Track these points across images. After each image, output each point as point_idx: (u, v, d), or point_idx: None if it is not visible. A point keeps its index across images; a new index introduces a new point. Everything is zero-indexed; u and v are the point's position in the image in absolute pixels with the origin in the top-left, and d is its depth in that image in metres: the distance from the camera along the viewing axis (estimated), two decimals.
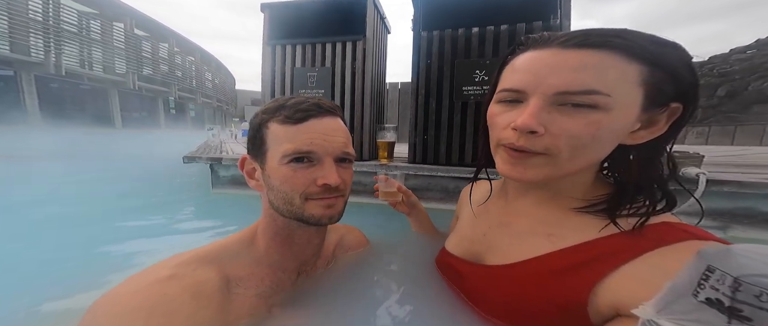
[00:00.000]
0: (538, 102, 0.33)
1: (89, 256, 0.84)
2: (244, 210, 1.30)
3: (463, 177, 1.17)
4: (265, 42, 1.39)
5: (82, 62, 10.92)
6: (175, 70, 15.39)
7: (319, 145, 0.44)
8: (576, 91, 0.31)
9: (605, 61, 0.31)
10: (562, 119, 0.32)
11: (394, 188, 0.74)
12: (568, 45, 0.32)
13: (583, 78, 0.31)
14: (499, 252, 0.42)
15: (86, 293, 0.57)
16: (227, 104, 21.57)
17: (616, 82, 0.30)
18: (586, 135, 0.32)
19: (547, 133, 0.33)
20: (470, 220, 0.52)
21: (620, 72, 0.30)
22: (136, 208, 1.36)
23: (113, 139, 7.22)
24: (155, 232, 1.08)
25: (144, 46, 13.31)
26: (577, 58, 0.31)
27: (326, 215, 0.46)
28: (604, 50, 0.31)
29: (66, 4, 10.01)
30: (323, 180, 0.44)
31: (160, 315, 0.34)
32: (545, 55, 0.33)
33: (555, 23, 1.06)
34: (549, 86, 0.32)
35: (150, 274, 0.39)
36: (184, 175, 1.92)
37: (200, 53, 17.81)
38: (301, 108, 0.45)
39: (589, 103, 0.31)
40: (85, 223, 1.13)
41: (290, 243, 0.50)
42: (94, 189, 1.86)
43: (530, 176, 0.36)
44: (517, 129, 0.34)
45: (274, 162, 0.45)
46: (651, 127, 0.33)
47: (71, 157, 3.41)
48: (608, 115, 0.31)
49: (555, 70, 0.32)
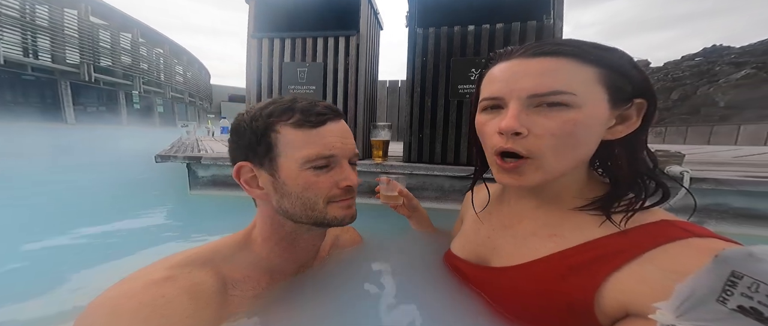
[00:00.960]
0: (516, 105, 0.36)
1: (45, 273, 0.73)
2: (228, 211, 1.21)
3: (459, 176, 1.16)
4: (250, 35, 1.30)
5: (26, 51, 9.72)
6: (139, 62, 14.16)
7: (338, 148, 0.45)
8: (544, 93, 0.35)
9: (562, 66, 0.35)
10: (541, 120, 0.35)
11: (395, 191, 0.73)
12: (528, 55, 0.37)
13: (546, 81, 0.35)
14: (504, 255, 0.43)
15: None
16: (201, 100, 20.32)
17: (576, 82, 0.34)
18: (564, 132, 0.35)
19: (530, 134, 0.36)
20: (474, 223, 0.53)
21: (577, 74, 0.34)
22: (101, 212, 1.21)
23: (63, 135, 6.49)
24: (130, 239, 0.97)
25: (102, 36, 12.12)
26: (538, 65, 0.36)
27: (348, 215, 0.47)
28: (558, 57, 0.35)
29: None
30: (346, 182, 0.45)
31: (159, 317, 0.34)
32: (512, 65, 0.38)
33: (548, 23, 1.08)
34: (521, 90, 0.36)
35: (144, 276, 0.38)
36: (154, 175, 1.76)
37: (170, 45, 16.57)
38: (317, 111, 0.44)
39: (560, 102, 0.34)
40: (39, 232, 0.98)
41: (294, 248, 0.50)
42: (45, 190, 1.64)
43: (525, 181, 0.38)
44: (503, 131, 0.37)
45: (293, 167, 0.43)
46: (626, 122, 0.37)
47: (16, 155, 3.01)
48: (580, 111, 0.34)
49: (523, 76, 0.36)
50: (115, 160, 2.75)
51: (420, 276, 0.58)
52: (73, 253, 0.86)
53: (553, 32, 1.10)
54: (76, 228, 0.97)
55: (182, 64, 18.07)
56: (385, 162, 1.23)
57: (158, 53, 15.56)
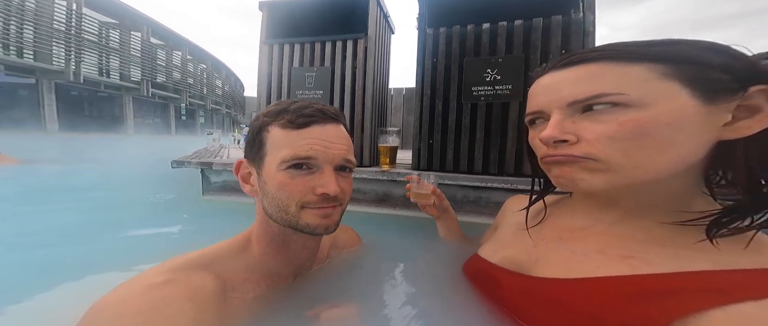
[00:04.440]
0: (556, 115, 0.36)
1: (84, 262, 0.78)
2: (237, 217, 1.22)
3: (474, 185, 1.05)
4: (262, 41, 1.32)
5: (101, 70, 11.33)
6: (187, 78, 15.81)
7: (319, 151, 0.43)
8: (585, 98, 0.34)
9: (601, 70, 0.33)
10: (594, 125, 0.34)
11: (427, 190, 0.71)
12: (561, 65, 0.37)
13: (585, 86, 0.34)
14: (552, 266, 0.40)
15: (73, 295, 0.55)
16: (236, 110, 22.04)
17: (626, 82, 0.32)
18: (626, 133, 0.32)
19: (581, 140, 0.35)
20: (514, 230, 0.51)
21: (623, 74, 0.32)
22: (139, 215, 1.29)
23: (125, 145, 7.40)
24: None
25: (159, 55, 13.76)
26: (572, 73, 0.35)
27: (322, 225, 0.45)
28: (593, 62, 0.34)
29: (88, 15, 10.47)
30: (322, 189, 0.43)
31: (161, 319, 0.34)
32: (547, 79, 0.38)
33: (577, 17, 0.95)
34: (560, 99, 0.36)
35: (144, 280, 0.38)
36: (177, 180, 1.86)
37: (211, 61, 18.29)
38: (304, 113, 0.44)
39: (610, 102, 0.33)
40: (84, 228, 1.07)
41: (286, 250, 0.49)
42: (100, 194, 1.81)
43: (583, 180, 0.35)
44: (543, 141, 0.37)
45: (272, 167, 0.44)
46: (755, 115, 0.30)
47: (81, 162, 3.44)
48: (646, 110, 0.31)
49: (559, 87, 0.36)
50: (164, 162, 3.04)
51: (428, 281, 0.58)
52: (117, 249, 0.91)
53: (584, 28, 0.96)
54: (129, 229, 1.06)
55: (221, 78, 19.79)
56: (392, 169, 1.16)
57: (202, 68, 17.23)
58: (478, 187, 1.07)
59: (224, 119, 20.27)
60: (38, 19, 8.96)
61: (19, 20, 8.55)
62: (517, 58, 1.03)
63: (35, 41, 8.97)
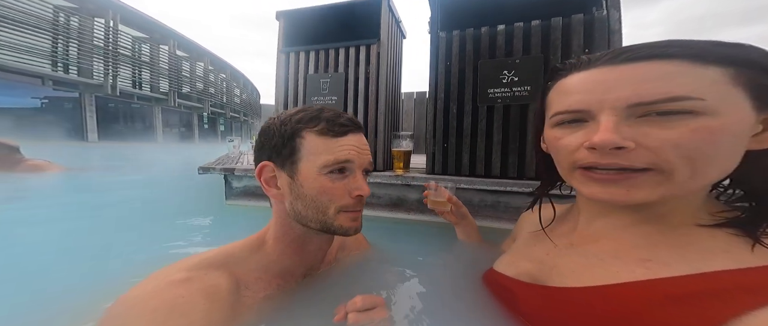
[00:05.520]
0: (610, 117, 0.32)
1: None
2: (258, 220, 1.25)
3: (490, 190, 1.02)
4: (279, 50, 1.37)
5: (134, 83, 12.17)
6: (208, 87, 16.60)
7: (355, 156, 0.47)
8: (653, 100, 0.30)
9: (675, 69, 0.30)
10: (657, 131, 0.30)
11: (444, 198, 0.73)
12: (618, 61, 0.32)
13: (655, 87, 0.30)
14: (568, 273, 0.39)
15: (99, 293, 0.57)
16: (253, 118, 22.85)
17: (703, 86, 0.29)
18: (696, 143, 0.29)
19: (640, 146, 0.31)
20: (526, 242, 0.50)
21: (699, 76, 0.29)
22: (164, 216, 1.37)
23: (155, 153, 7.92)
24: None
25: (183, 66, 14.59)
26: (636, 71, 0.31)
27: (353, 227, 0.49)
28: (666, 59, 0.30)
29: (123, 31, 11.32)
30: (358, 192, 0.47)
31: (178, 316, 0.36)
32: (597, 73, 0.33)
33: (601, 15, 0.91)
34: (616, 99, 0.31)
35: (164, 277, 0.41)
36: (200, 186, 1.95)
37: (230, 70, 19.09)
38: (341, 122, 0.47)
39: (682, 110, 0.29)
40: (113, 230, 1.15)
41: (303, 251, 0.52)
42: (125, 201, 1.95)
43: (640, 197, 0.32)
44: (596, 147, 0.32)
45: (311, 172, 0.46)
46: None
47: (117, 168, 3.71)
48: (716, 119, 0.29)
49: (618, 85, 0.32)
50: (189, 169, 3.25)
51: (439, 284, 0.58)
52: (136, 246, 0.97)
53: (608, 26, 0.92)
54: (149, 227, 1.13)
55: (239, 87, 20.57)
56: (406, 174, 1.15)
57: (222, 78, 17.99)
58: (496, 191, 1.04)
59: (242, 126, 21.08)
60: (81, 37, 9.78)
61: (65, 38, 9.39)
62: (535, 59, 0.99)
63: (79, 57, 9.80)
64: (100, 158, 5.44)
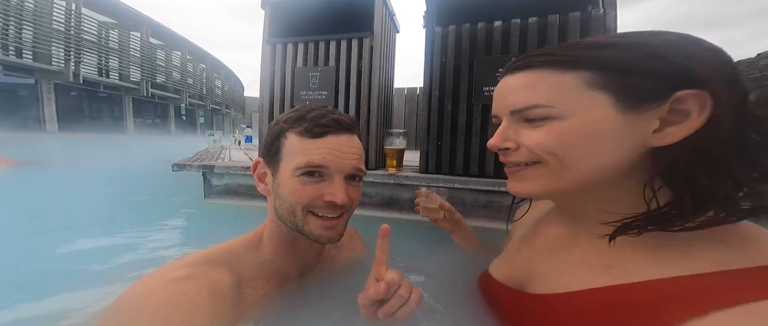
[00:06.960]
0: (504, 122, 0.38)
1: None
2: (239, 221, 1.18)
3: (484, 189, 1.01)
4: (265, 41, 1.29)
5: (100, 71, 11.27)
6: (186, 78, 15.72)
7: (331, 161, 0.45)
8: (522, 108, 0.35)
9: (539, 78, 0.34)
10: (530, 132, 0.35)
11: (435, 204, 0.70)
12: (510, 70, 0.37)
13: (524, 96, 0.35)
14: (542, 280, 0.40)
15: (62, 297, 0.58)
16: (235, 111, 21.97)
17: (555, 93, 0.33)
18: (552, 142, 0.33)
19: (521, 146, 0.36)
20: (517, 244, 0.51)
21: (555, 84, 0.33)
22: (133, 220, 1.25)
23: (123, 145, 7.40)
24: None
25: (158, 55, 13.69)
26: (517, 80, 0.36)
27: (325, 236, 0.47)
28: (535, 69, 0.35)
29: (87, 15, 10.41)
30: (330, 197, 0.44)
31: (182, 312, 0.36)
32: (501, 84, 0.39)
33: (597, 13, 0.91)
34: (505, 107, 0.37)
35: (166, 273, 0.40)
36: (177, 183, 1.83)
37: (211, 61, 18.20)
38: (321, 123, 0.45)
39: (539, 116, 0.34)
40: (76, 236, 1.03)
41: (294, 249, 0.51)
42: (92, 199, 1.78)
43: (527, 189, 0.37)
44: (489, 149, 0.39)
45: (286, 172, 0.46)
46: (680, 122, 0.29)
47: (78, 162, 3.41)
48: (566, 121, 0.33)
49: (508, 92, 0.37)
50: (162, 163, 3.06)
51: (432, 285, 0.58)
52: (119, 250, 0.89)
53: (605, 24, 0.92)
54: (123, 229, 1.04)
55: (221, 78, 19.66)
56: (399, 172, 1.12)
57: (202, 69, 17.11)
58: (489, 191, 1.03)
59: (224, 119, 20.22)
60: (37, 19, 8.90)
61: (18, 20, 8.49)
62: None
63: (34, 41, 8.92)
64: (60, 150, 5.01)
